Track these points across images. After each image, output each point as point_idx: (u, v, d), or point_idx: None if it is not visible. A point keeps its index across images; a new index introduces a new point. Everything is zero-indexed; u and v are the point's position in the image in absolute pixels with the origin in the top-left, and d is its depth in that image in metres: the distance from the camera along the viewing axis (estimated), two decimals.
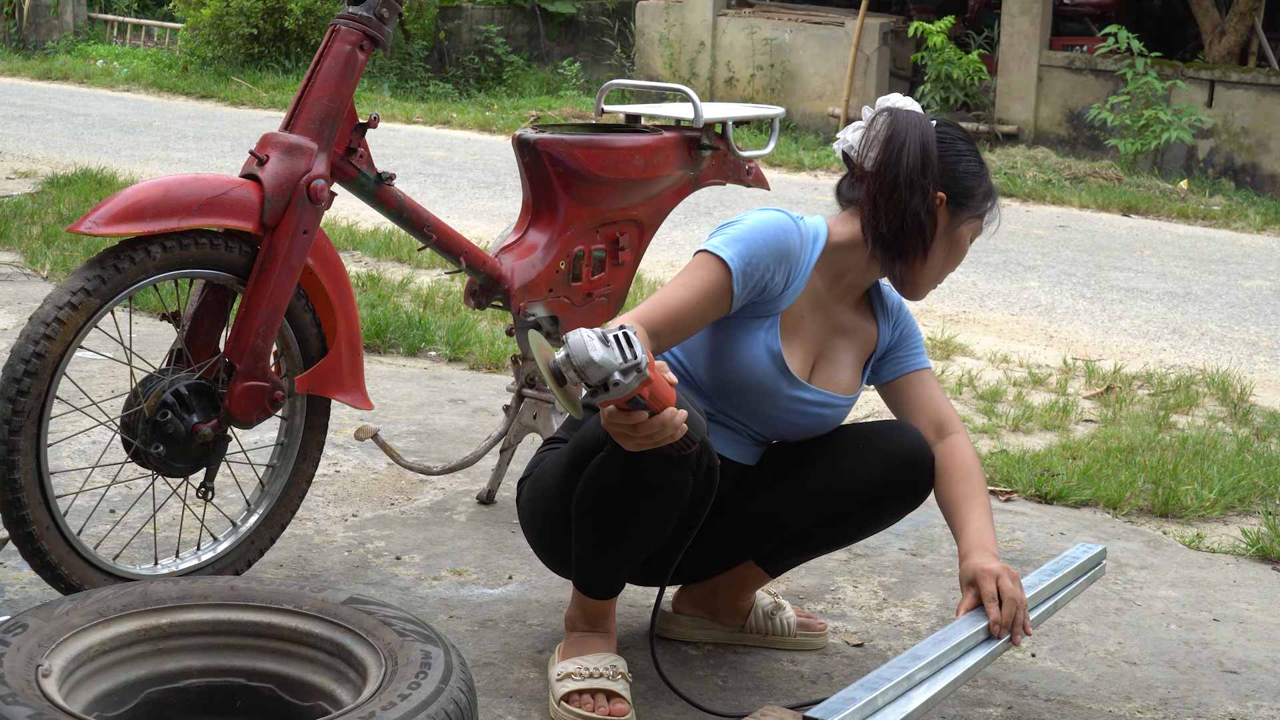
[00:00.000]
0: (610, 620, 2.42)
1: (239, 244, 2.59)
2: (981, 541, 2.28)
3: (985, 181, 2.45)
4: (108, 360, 3.68)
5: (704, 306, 2.27)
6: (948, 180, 2.39)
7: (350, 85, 2.67)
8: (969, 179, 2.41)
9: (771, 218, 2.35)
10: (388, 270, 5.96)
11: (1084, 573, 2.48)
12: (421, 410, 4.04)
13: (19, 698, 1.73)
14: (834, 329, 2.47)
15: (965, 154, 2.43)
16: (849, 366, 2.49)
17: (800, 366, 2.42)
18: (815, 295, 2.42)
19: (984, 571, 2.22)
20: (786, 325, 2.39)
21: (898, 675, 2.03)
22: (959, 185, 2.40)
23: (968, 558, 2.27)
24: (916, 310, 5.93)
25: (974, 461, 2.43)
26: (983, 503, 2.37)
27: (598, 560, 2.33)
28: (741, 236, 2.30)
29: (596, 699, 2.31)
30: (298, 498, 2.84)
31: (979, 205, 2.44)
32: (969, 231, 2.45)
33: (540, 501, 2.41)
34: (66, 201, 6.74)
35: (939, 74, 10.80)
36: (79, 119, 10.79)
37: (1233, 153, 10.25)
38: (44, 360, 2.39)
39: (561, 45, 14.41)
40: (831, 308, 2.46)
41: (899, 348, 2.53)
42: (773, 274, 2.32)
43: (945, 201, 2.39)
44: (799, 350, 2.42)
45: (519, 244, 3.17)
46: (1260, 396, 4.87)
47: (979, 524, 2.32)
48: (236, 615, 2.05)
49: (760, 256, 2.29)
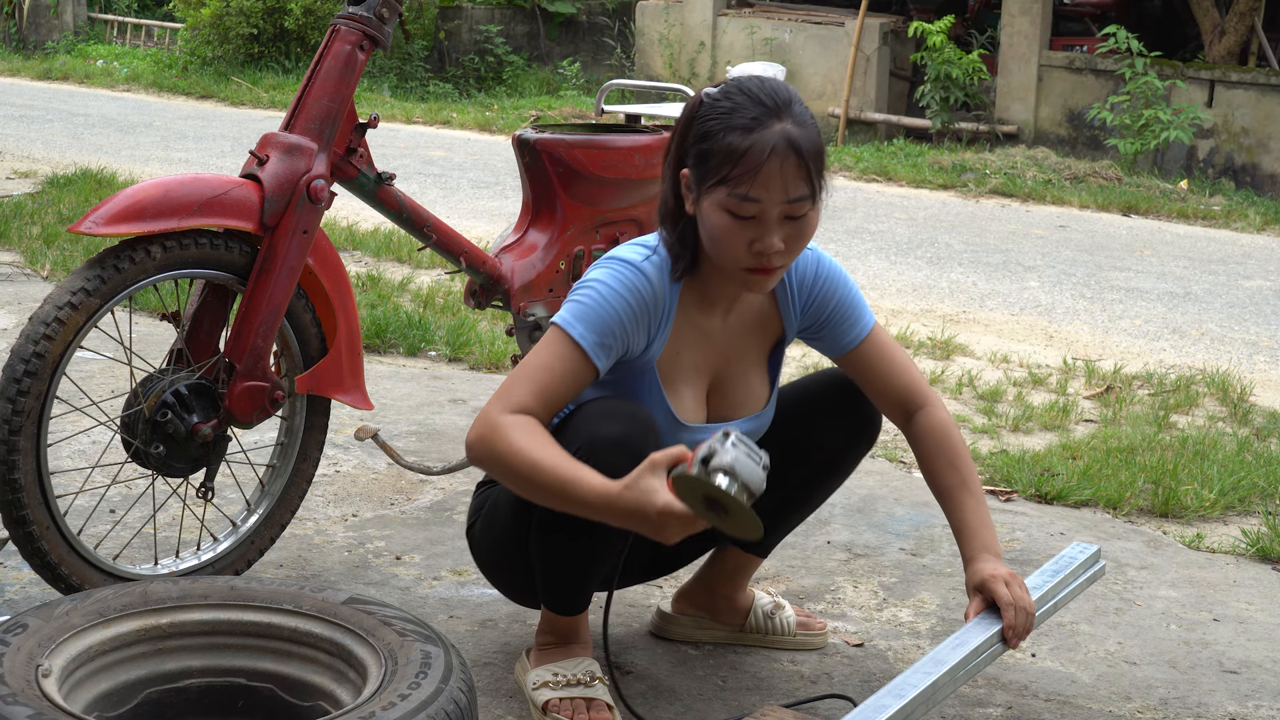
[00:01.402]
0: (583, 630, 2.40)
1: (239, 244, 2.59)
2: (985, 545, 2.24)
3: (719, 141, 2.09)
4: (108, 360, 3.68)
5: (570, 384, 2.17)
6: (692, 145, 2.14)
7: (350, 85, 2.67)
8: (704, 141, 2.11)
9: (620, 277, 2.19)
10: (388, 270, 5.96)
11: (1082, 573, 2.47)
12: (421, 410, 4.04)
13: (19, 698, 1.73)
14: (723, 347, 2.34)
15: (706, 118, 2.12)
16: (753, 375, 2.38)
17: (694, 408, 2.32)
18: (689, 329, 2.29)
19: (993, 577, 2.18)
20: (665, 371, 2.28)
21: (924, 682, 2.02)
22: (695, 152, 2.14)
23: (973, 563, 2.23)
24: (916, 310, 5.94)
25: (954, 437, 2.34)
26: (974, 492, 2.29)
27: (566, 579, 2.30)
28: (592, 306, 2.17)
29: (576, 705, 2.29)
30: (298, 498, 2.84)
31: (715, 172, 2.09)
32: (714, 207, 2.11)
33: (498, 538, 2.38)
34: (66, 201, 6.75)
35: (939, 74, 10.80)
36: (79, 119, 10.79)
37: (1233, 153, 10.25)
38: (44, 360, 2.39)
39: (561, 45, 14.41)
40: (714, 326, 2.32)
41: (830, 324, 2.36)
42: (630, 336, 2.20)
43: (690, 176, 2.16)
44: (688, 390, 2.31)
45: (519, 244, 3.17)
46: (1260, 396, 4.87)
47: (977, 522, 2.27)
48: (236, 615, 2.05)
49: (611, 326, 2.17)
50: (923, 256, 7.18)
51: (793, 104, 2.13)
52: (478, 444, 2.11)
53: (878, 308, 5.83)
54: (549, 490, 2.06)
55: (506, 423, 2.10)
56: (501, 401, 2.14)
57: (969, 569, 2.24)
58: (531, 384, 2.15)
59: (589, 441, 2.14)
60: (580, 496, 2.02)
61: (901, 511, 3.42)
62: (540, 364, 2.17)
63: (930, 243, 7.56)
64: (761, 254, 2.13)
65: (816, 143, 2.14)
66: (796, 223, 2.13)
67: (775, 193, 2.09)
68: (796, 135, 2.10)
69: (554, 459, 2.06)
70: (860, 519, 3.36)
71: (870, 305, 2.45)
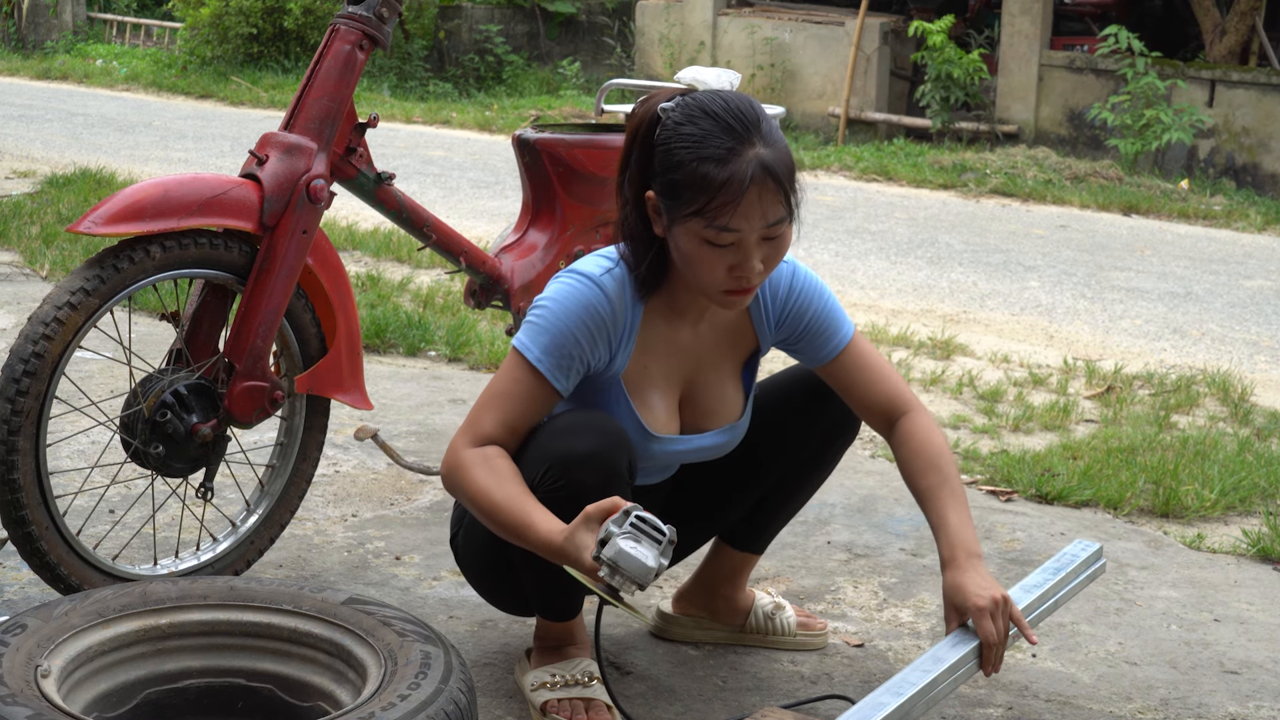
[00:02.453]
0: (579, 632, 2.40)
1: (239, 244, 2.58)
2: (964, 544, 2.17)
3: (690, 172, 2.04)
4: (107, 360, 3.68)
5: (531, 408, 2.18)
6: (656, 176, 2.10)
7: (350, 85, 2.67)
8: (670, 172, 2.07)
9: (575, 294, 2.17)
10: (388, 270, 5.96)
11: (1084, 570, 2.47)
12: (421, 410, 4.04)
13: (18, 698, 1.73)
14: (696, 357, 2.31)
15: (669, 142, 2.07)
16: (727, 386, 2.35)
17: (666, 418, 2.30)
18: (657, 342, 2.26)
19: (978, 610, 2.10)
20: (633, 383, 2.26)
21: (922, 680, 2.02)
22: (665, 181, 2.08)
23: (952, 568, 2.16)
24: (916, 310, 5.93)
25: (936, 441, 2.28)
26: (952, 491, 2.23)
27: (551, 590, 2.29)
28: (547, 327, 2.16)
29: (575, 706, 2.29)
30: (297, 498, 2.84)
31: (689, 203, 2.05)
32: (690, 235, 2.08)
33: (480, 550, 2.37)
34: (66, 201, 6.74)
35: (939, 74, 10.79)
36: (78, 119, 10.79)
37: (1233, 152, 10.25)
38: (43, 360, 2.38)
39: (561, 45, 14.41)
40: (685, 336, 2.29)
41: (807, 336, 2.33)
42: (588, 353, 2.19)
43: (658, 200, 2.11)
44: (660, 401, 2.29)
45: (519, 244, 3.17)
46: (1261, 396, 4.86)
47: (954, 521, 2.20)
48: (236, 615, 2.05)
49: (567, 346, 2.16)
50: (923, 256, 7.18)
51: (760, 122, 2.08)
52: (447, 477, 2.19)
53: (877, 308, 5.84)
54: (506, 530, 2.11)
55: (469, 459, 2.15)
56: (469, 433, 2.18)
57: (946, 575, 2.17)
58: (495, 412, 2.19)
59: (561, 460, 2.14)
60: (530, 541, 2.08)
61: (901, 511, 3.41)
62: (501, 390, 2.19)
63: (930, 243, 7.56)
64: (741, 277, 2.11)
65: (789, 160, 2.10)
66: (774, 242, 2.11)
67: (755, 221, 2.06)
68: (770, 160, 2.05)
69: (509, 501, 2.09)
70: (860, 519, 3.36)
71: (870, 305, 2.44)
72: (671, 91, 2.18)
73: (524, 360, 2.18)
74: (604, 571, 1.94)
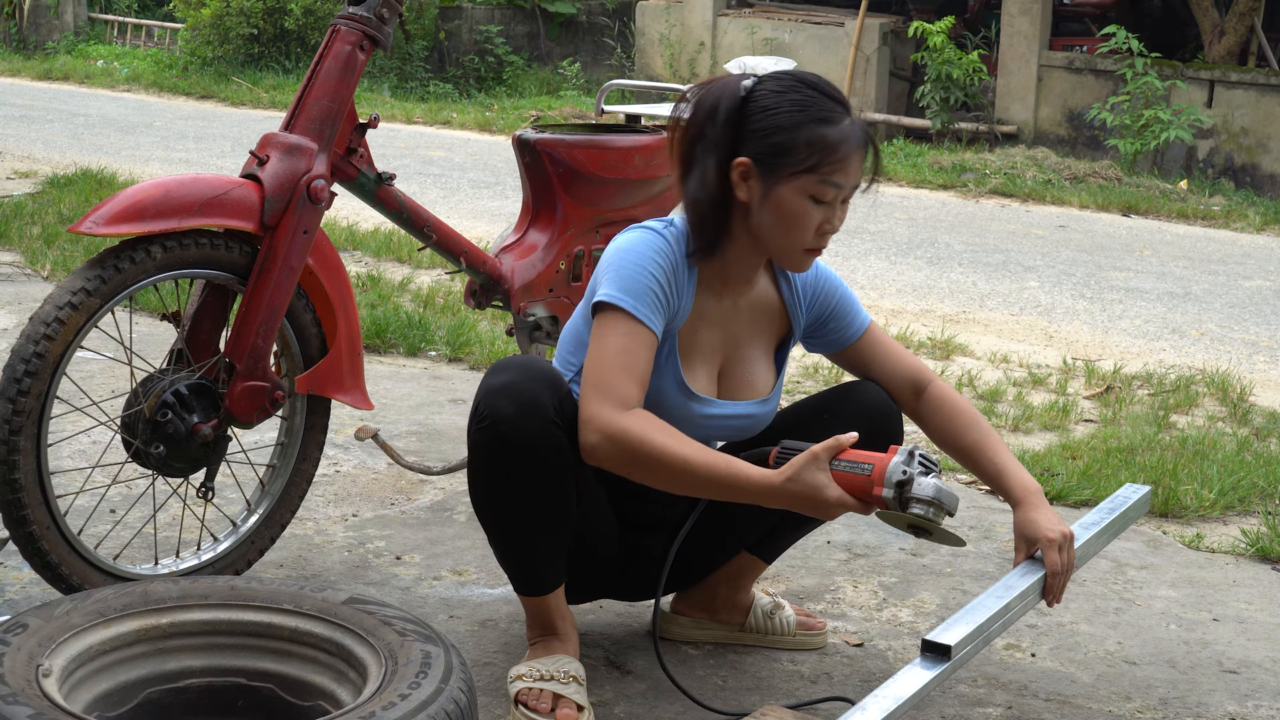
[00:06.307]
0: (562, 622, 2.39)
1: (239, 244, 2.59)
2: (1027, 486, 2.34)
3: (805, 133, 2.21)
4: (108, 360, 3.68)
5: (648, 357, 2.22)
6: (751, 141, 2.24)
7: (350, 85, 2.67)
8: (776, 134, 2.21)
9: (646, 240, 2.26)
10: (388, 270, 5.96)
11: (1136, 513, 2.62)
12: (421, 410, 4.04)
13: (19, 697, 1.73)
14: (736, 331, 2.40)
15: (775, 109, 2.23)
16: (761, 363, 2.43)
17: (706, 384, 2.37)
18: (707, 302, 2.35)
19: (1048, 541, 2.27)
20: (684, 344, 2.33)
21: (997, 604, 2.16)
22: (764, 144, 2.23)
23: (1022, 508, 2.32)
24: (916, 310, 5.94)
25: (966, 402, 2.47)
26: (1000, 440, 2.42)
27: (513, 549, 2.31)
28: (628, 274, 2.23)
29: (543, 697, 2.29)
30: (298, 498, 2.84)
31: (801, 161, 2.21)
32: (797, 192, 2.23)
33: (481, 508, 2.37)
34: (67, 201, 6.75)
35: (939, 74, 10.80)
36: (79, 119, 10.79)
37: (1232, 153, 10.26)
38: (44, 360, 2.39)
39: (561, 45, 14.41)
40: (728, 309, 2.38)
41: (833, 320, 2.46)
42: (670, 294, 2.26)
43: (752, 165, 2.24)
44: (702, 366, 2.36)
45: (519, 244, 3.17)
46: (1260, 396, 4.87)
47: (1014, 466, 2.37)
48: (236, 615, 2.05)
49: (651, 286, 2.23)
50: (923, 256, 7.18)
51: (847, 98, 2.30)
52: (608, 445, 2.14)
53: (878, 308, 5.84)
54: (706, 484, 2.16)
55: (634, 425, 2.14)
56: (606, 399, 2.16)
57: (1018, 512, 2.32)
58: (624, 372, 2.19)
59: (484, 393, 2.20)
60: (744, 490, 2.14)
61: None
62: (619, 348, 2.20)
63: (930, 243, 7.56)
64: (825, 234, 2.27)
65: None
66: (845, 206, 2.29)
67: (853, 178, 2.26)
68: (866, 129, 2.27)
69: (704, 456, 2.15)
70: (860, 519, 3.36)
71: (870, 305, 2.50)
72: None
73: (625, 313, 2.21)
74: (917, 509, 2.09)
